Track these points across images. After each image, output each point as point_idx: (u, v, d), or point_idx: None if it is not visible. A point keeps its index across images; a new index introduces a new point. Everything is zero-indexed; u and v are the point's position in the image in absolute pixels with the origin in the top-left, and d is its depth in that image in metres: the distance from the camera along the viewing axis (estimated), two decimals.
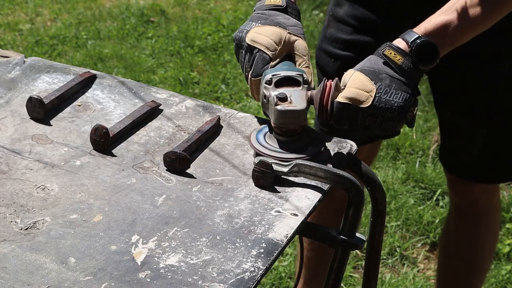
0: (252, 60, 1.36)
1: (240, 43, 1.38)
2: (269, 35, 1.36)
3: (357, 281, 2.46)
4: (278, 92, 1.29)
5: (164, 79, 3.59)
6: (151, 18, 4.21)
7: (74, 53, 3.84)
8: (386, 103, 1.29)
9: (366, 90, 1.29)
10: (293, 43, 1.38)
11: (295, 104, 1.29)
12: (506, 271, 2.48)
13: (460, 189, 1.93)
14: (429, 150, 3.05)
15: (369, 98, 1.29)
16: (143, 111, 1.40)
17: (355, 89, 1.29)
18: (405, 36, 1.34)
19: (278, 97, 1.28)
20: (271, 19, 1.39)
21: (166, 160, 1.28)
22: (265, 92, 1.31)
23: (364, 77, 1.30)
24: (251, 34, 1.37)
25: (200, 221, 1.17)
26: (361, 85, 1.30)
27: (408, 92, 1.30)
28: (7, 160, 1.28)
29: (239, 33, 1.39)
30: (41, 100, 1.37)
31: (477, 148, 1.78)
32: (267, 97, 1.31)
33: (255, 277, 1.07)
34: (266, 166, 1.24)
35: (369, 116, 1.30)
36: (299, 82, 1.32)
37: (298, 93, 1.30)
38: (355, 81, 1.30)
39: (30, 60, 1.55)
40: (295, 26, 1.40)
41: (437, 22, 1.35)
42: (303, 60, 1.37)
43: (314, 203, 1.22)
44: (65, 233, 1.13)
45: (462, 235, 2.00)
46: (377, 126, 1.31)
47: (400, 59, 1.31)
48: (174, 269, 1.08)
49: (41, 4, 4.40)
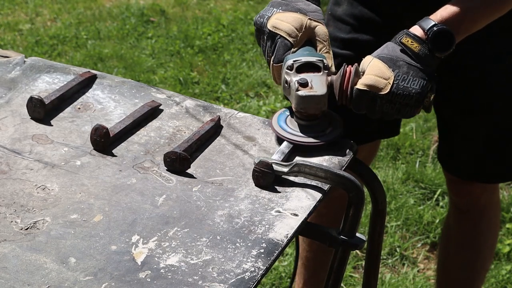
0: (274, 46, 1.38)
1: (261, 29, 1.40)
2: (291, 22, 1.38)
3: (357, 281, 2.46)
4: (299, 77, 1.33)
5: (164, 79, 3.59)
6: (151, 18, 4.21)
7: (74, 53, 3.84)
8: (404, 90, 1.32)
9: (385, 78, 1.33)
10: (313, 29, 1.40)
11: (315, 90, 1.33)
12: (506, 271, 2.48)
13: (459, 189, 1.92)
14: (429, 150, 3.05)
15: (387, 86, 1.33)
16: (143, 111, 1.40)
17: (374, 76, 1.33)
18: (422, 24, 1.36)
19: (299, 83, 1.32)
20: (291, 5, 1.41)
21: (166, 160, 1.28)
22: (286, 78, 1.35)
23: (382, 65, 1.34)
24: (272, 20, 1.39)
25: (200, 221, 1.17)
26: (379, 73, 1.33)
27: (425, 79, 1.33)
28: (7, 160, 1.28)
29: (260, 19, 1.41)
30: (41, 100, 1.37)
31: (476, 148, 1.78)
32: (288, 83, 1.34)
33: (255, 277, 1.07)
34: (266, 166, 1.24)
35: (387, 103, 1.34)
36: (320, 67, 1.35)
37: (318, 78, 1.34)
38: (374, 68, 1.34)
39: (30, 60, 1.55)
40: (315, 12, 1.42)
41: (453, 9, 1.37)
42: (323, 45, 1.40)
43: (314, 203, 1.22)
44: (65, 233, 1.13)
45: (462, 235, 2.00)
46: (395, 112, 1.36)
47: (417, 46, 1.34)
48: (174, 269, 1.08)
49: (41, 4, 4.40)
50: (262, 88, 3.54)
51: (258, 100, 3.44)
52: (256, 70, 3.67)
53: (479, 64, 1.66)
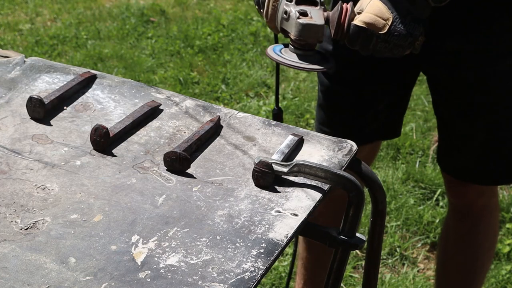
0: None
1: None
2: None
3: (357, 281, 2.46)
4: (299, 8, 1.40)
5: (164, 79, 3.59)
6: (151, 18, 4.21)
7: (74, 53, 3.84)
8: (400, 32, 1.40)
9: (384, 18, 1.40)
10: None
11: (315, 20, 1.39)
12: (506, 271, 2.48)
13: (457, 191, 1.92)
14: (429, 150, 3.05)
15: (386, 26, 1.40)
16: (143, 111, 1.40)
17: (373, 15, 1.40)
18: None
19: (299, 12, 1.39)
20: None
21: (166, 160, 1.28)
22: (285, 8, 1.41)
23: (382, 5, 1.40)
24: None
25: (200, 221, 1.17)
26: (379, 12, 1.40)
27: (419, 24, 1.41)
28: (7, 160, 1.28)
29: None
30: (41, 100, 1.37)
31: (475, 149, 1.78)
32: (288, 12, 1.41)
33: (255, 277, 1.07)
34: (266, 166, 1.24)
35: (382, 42, 1.41)
36: (317, 2, 1.42)
37: (316, 11, 1.41)
38: (374, 8, 1.40)
39: (30, 60, 1.55)
40: None
41: None
42: None
43: (314, 203, 1.22)
44: (65, 233, 1.13)
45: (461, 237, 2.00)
46: (387, 51, 1.42)
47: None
48: (174, 269, 1.08)
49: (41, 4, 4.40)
50: (262, 88, 3.54)
51: (258, 100, 3.44)
52: (256, 70, 3.67)
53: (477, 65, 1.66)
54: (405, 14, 1.41)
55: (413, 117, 3.27)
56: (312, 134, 1.39)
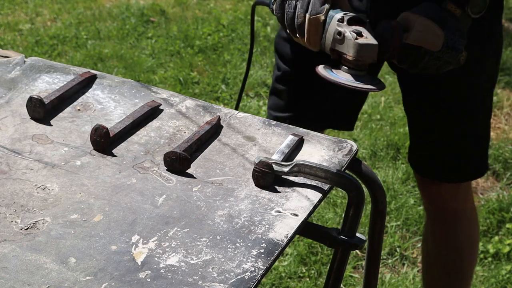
0: (307, 4, 1.40)
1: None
2: None
3: (357, 281, 2.46)
4: (353, 28, 1.38)
5: (164, 79, 3.59)
6: (151, 18, 4.21)
7: (74, 53, 3.84)
8: (452, 48, 1.42)
9: (437, 36, 1.41)
10: None
11: (370, 39, 1.38)
12: (506, 271, 2.48)
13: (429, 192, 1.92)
14: None
15: (439, 43, 1.41)
16: (143, 111, 1.40)
17: (426, 34, 1.41)
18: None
19: (355, 32, 1.38)
20: None
21: (166, 160, 1.28)
22: (339, 29, 1.39)
23: (432, 23, 1.42)
24: None
25: (200, 221, 1.17)
26: (431, 30, 1.41)
27: (465, 39, 1.44)
28: (7, 160, 1.28)
29: None
30: (41, 100, 1.37)
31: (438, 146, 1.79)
32: (342, 33, 1.39)
33: (256, 277, 1.07)
34: (266, 166, 1.24)
35: (434, 59, 1.42)
36: (364, 21, 1.41)
37: (367, 30, 1.40)
38: (425, 26, 1.41)
39: (30, 60, 1.55)
40: None
41: None
42: (344, 1, 1.45)
43: (314, 203, 1.22)
44: (65, 233, 1.13)
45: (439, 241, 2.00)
46: (436, 68, 1.45)
47: (458, 11, 1.45)
48: (174, 269, 1.08)
49: (41, 4, 4.40)
50: (262, 88, 3.54)
51: (258, 100, 3.44)
52: (256, 70, 3.67)
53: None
54: (453, 30, 1.42)
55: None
56: (312, 134, 1.39)
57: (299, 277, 2.48)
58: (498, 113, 3.35)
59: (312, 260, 2.52)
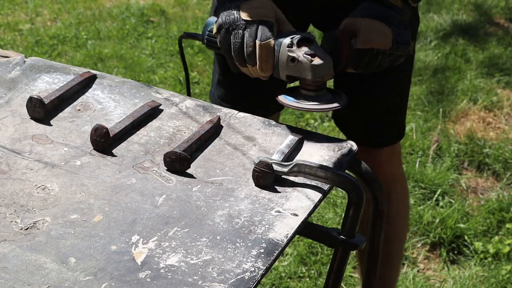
0: (255, 31, 1.38)
1: (234, 24, 1.38)
2: (262, 6, 1.40)
3: (357, 281, 2.46)
4: (303, 50, 1.37)
5: (164, 79, 3.59)
6: (151, 18, 4.21)
7: (74, 53, 3.85)
8: (402, 42, 1.41)
9: (385, 34, 1.40)
10: (276, 10, 1.42)
11: (323, 57, 1.37)
12: (506, 271, 2.48)
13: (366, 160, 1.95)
14: (429, 150, 3.05)
15: (389, 41, 1.40)
16: (143, 111, 1.40)
17: (375, 35, 1.40)
18: None
19: (308, 54, 1.36)
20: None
21: (166, 160, 1.28)
22: (291, 55, 1.37)
23: (378, 22, 1.41)
24: (245, 10, 1.39)
25: (200, 221, 1.17)
26: (379, 30, 1.40)
27: (409, 28, 1.43)
28: (7, 160, 1.28)
29: (228, 16, 1.39)
30: (41, 100, 1.37)
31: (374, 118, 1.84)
32: (296, 58, 1.37)
33: (255, 277, 1.07)
34: (266, 166, 1.24)
35: (387, 56, 1.41)
36: (311, 39, 1.39)
37: (316, 48, 1.38)
38: (372, 27, 1.40)
39: (30, 60, 1.55)
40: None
41: None
42: (287, 23, 1.43)
43: (314, 203, 1.22)
44: (65, 233, 1.13)
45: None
46: (389, 63, 1.43)
47: (399, 2, 1.45)
48: (174, 269, 1.08)
49: (41, 4, 4.40)
50: None
51: None
52: None
53: None
54: (398, 24, 1.41)
55: (413, 117, 3.27)
56: (312, 134, 1.39)
57: (299, 277, 2.48)
58: (498, 113, 3.35)
59: (312, 260, 2.52)
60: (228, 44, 1.40)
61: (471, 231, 2.63)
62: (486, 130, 3.23)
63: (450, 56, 3.77)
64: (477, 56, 3.78)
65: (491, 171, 2.97)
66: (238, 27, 1.38)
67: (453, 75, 3.59)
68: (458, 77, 3.58)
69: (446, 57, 3.76)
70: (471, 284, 2.43)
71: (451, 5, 4.34)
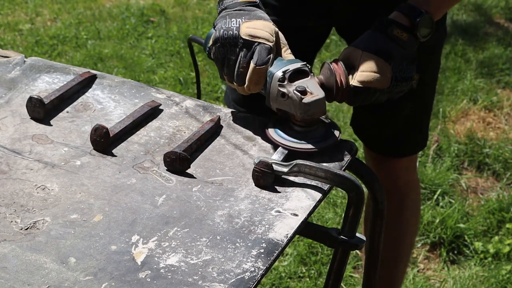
0: (251, 53, 1.33)
1: (233, 41, 1.34)
2: (263, 28, 1.35)
3: (357, 281, 2.46)
4: (295, 86, 1.30)
5: (164, 79, 3.59)
6: (151, 18, 4.21)
7: (74, 53, 3.85)
8: (402, 80, 1.36)
9: (383, 73, 1.34)
10: (277, 33, 1.38)
11: (316, 93, 1.31)
12: (506, 271, 2.48)
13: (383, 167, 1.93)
14: (429, 150, 3.05)
15: (387, 80, 1.35)
16: (143, 111, 1.40)
17: (373, 73, 1.34)
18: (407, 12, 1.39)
19: (299, 91, 1.30)
20: (253, 14, 1.37)
21: (166, 160, 1.28)
22: (282, 90, 1.31)
23: (378, 59, 1.35)
24: (245, 29, 1.34)
25: (200, 221, 1.17)
26: (377, 68, 1.34)
27: (414, 63, 1.38)
28: (7, 160, 1.28)
29: (226, 32, 1.35)
30: (41, 100, 1.37)
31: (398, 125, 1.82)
32: (286, 94, 1.31)
33: (255, 277, 1.07)
34: (266, 166, 1.24)
35: (385, 94, 1.37)
36: (307, 72, 1.33)
37: (311, 82, 1.32)
38: (370, 64, 1.35)
39: (30, 60, 1.55)
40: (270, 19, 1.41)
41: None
42: (286, 47, 1.38)
43: (314, 203, 1.22)
44: (65, 233, 1.13)
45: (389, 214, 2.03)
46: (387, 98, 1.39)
47: (405, 36, 1.38)
48: (174, 269, 1.08)
49: (41, 4, 4.40)
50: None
51: None
52: None
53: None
54: (400, 60, 1.36)
55: None
56: None
57: (299, 277, 2.48)
58: (498, 113, 3.35)
59: (312, 260, 2.52)
60: (222, 57, 1.36)
61: (471, 231, 2.63)
62: (486, 130, 3.23)
63: (450, 56, 3.77)
64: (477, 56, 3.78)
65: (491, 171, 2.97)
66: (237, 44, 1.34)
67: (453, 75, 3.59)
68: (458, 77, 3.58)
69: (446, 57, 3.76)
70: (471, 284, 2.43)
71: None
